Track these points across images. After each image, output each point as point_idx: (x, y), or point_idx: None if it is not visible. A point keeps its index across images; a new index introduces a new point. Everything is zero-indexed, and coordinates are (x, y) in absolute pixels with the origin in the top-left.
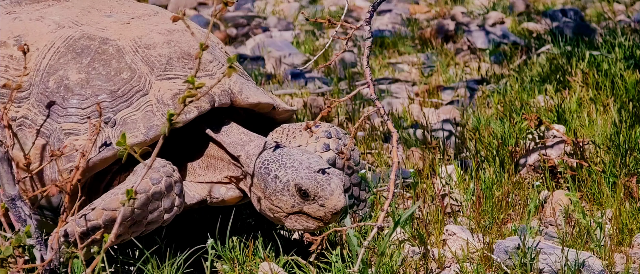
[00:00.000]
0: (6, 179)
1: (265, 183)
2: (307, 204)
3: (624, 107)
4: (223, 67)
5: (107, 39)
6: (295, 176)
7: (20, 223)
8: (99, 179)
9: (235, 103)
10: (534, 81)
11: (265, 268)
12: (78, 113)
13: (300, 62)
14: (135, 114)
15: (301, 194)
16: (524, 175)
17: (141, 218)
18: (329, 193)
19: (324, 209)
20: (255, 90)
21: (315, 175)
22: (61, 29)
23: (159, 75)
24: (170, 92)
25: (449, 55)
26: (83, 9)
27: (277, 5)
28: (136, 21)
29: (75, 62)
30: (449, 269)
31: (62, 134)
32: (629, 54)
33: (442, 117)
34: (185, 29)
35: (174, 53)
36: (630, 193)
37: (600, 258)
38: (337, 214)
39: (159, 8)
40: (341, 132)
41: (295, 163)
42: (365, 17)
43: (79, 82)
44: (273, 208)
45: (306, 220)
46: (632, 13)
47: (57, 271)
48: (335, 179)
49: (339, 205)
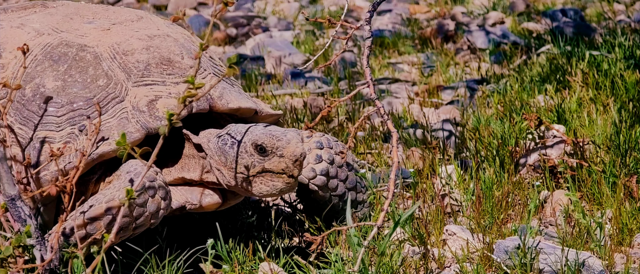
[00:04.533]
0: (6, 179)
1: (224, 154)
2: (267, 160)
3: (624, 106)
4: (204, 72)
5: (85, 46)
6: (251, 137)
7: (20, 223)
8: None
9: (215, 108)
10: (534, 81)
11: (265, 268)
12: (54, 121)
13: (300, 61)
14: (110, 121)
15: (258, 150)
16: (524, 175)
17: (128, 224)
18: (286, 142)
19: (284, 159)
20: (237, 95)
21: (270, 131)
22: (40, 36)
23: (136, 81)
24: (147, 98)
25: (449, 55)
26: (65, 16)
27: (277, 5)
28: (117, 27)
29: (52, 69)
30: (449, 269)
31: (38, 142)
32: (629, 54)
33: (442, 117)
34: (166, 34)
35: (153, 60)
36: (630, 193)
37: (600, 258)
38: (298, 161)
39: (144, 13)
40: (333, 141)
41: (250, 129)
42: (365, 17)
43: (55, 89)
44: (237, 175)
45: (271, 178)
46: (632, 13)
47: (57, 271)
48: (291, 132)
49: (297, 151)
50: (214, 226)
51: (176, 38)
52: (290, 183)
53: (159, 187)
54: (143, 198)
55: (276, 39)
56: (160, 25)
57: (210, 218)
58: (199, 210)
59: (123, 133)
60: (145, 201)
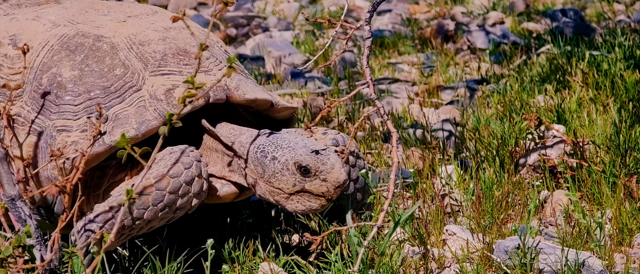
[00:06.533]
0: (6, 179)
1: (263, 166)
2: (308, 181)
3: (624, 106)
4: (220, 63)
5: (101, 36)
6: (294, 155)
7: (20, 223)
8: (99, 176)
9: (231, 99)
10: (534, 81)
11: (265, 268)
12: (71, 110)
13: (300, 61)
14: (128, 110)
15: (302, 171)
16: (524, 175)
17: (171, 203)
18: (330, 167)
19: (327, 184)
20: (253, 87)
21: (313, 152)
22: (56, 27)
23: (152, 71)
24: (164, 87)
25: (449, 55)
26: (80, 9)
27: (277, 5)
28: (133, 19)
29: (69, 59)
30: (449, 269)
31: (54, 131)
32: (629, 54)
33: (442, 117)
34: (182, 26)
35: (169, 50)
36: (630, 193)
37: (600, 258)
38: (340, 188)
39: (158, 8)
40: (347, 138)
41: (291, 144)
42: (365, 17)
43: (72, 78)
44: (273, 190)
45: (308, 198)
46: (632, 13)
47: (57, 271)
48: (333, 155)
49: (341, 178)
50: (214, 226)
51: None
52: (325, 206)
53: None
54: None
55: (276, 39)
56: None
57: (210, 218)
58: (216, 200)
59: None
60: (191, 179)
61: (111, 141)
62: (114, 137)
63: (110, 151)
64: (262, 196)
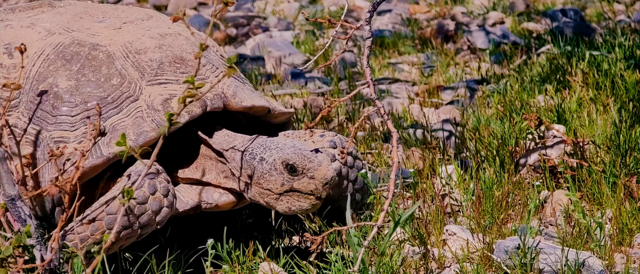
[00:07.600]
0: (6, 179)
1: (252, 168)
2: (296, 180)
3: (624, 107)
4: (217, 70)
5: (97, 45)
6: (281, 154)
7: (20, 223)
8: (92, 187)
9: (229, 107)
10: (534, 81)
11: (265, 268)
12: (68, 121)
13: (300, 62)
14: (125, 121)
15: (289, 169)
16: (524, 175)
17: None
18: (317, 164)
19: (314, 181)
20: (250, 93)
21: (301, 150)
22: (51, 35)
23: (149, 80)
24: (161, 97)
25: (449, 55)
26: (75, 15)
27: (277, 5)
28: (128, 26)
29: (65, 68)
30: (449, 269)
31: (51, 142)
32: (629, 54)
33: (442, 117)
34: (177, 32)
35: (166, 58)
36: (630, 193)
37: (600, 258)
38: (328, 184)
39: (153, 12)
40: (345, 141)
41: (279, 145)
42: (365, 17)
43: (68, 89)
44: (263, 192)
45: (298, 198)
46: (632, 13)
47: (57, 271)
48: (321, 153)
49: (328, 174)
50: (214, 226)
51: (187, 36)
52: (316, 205)
53: (160, 185)
54: (143, 196)
55: (276, 39)
56: (170, 24)
57: (210, 218)
58: (215, 209)
59: (123, 134)
60: (145, 199)
61: (109, 153)
62: (111, 150)
63: (108, 163)
64: (252, 199)
